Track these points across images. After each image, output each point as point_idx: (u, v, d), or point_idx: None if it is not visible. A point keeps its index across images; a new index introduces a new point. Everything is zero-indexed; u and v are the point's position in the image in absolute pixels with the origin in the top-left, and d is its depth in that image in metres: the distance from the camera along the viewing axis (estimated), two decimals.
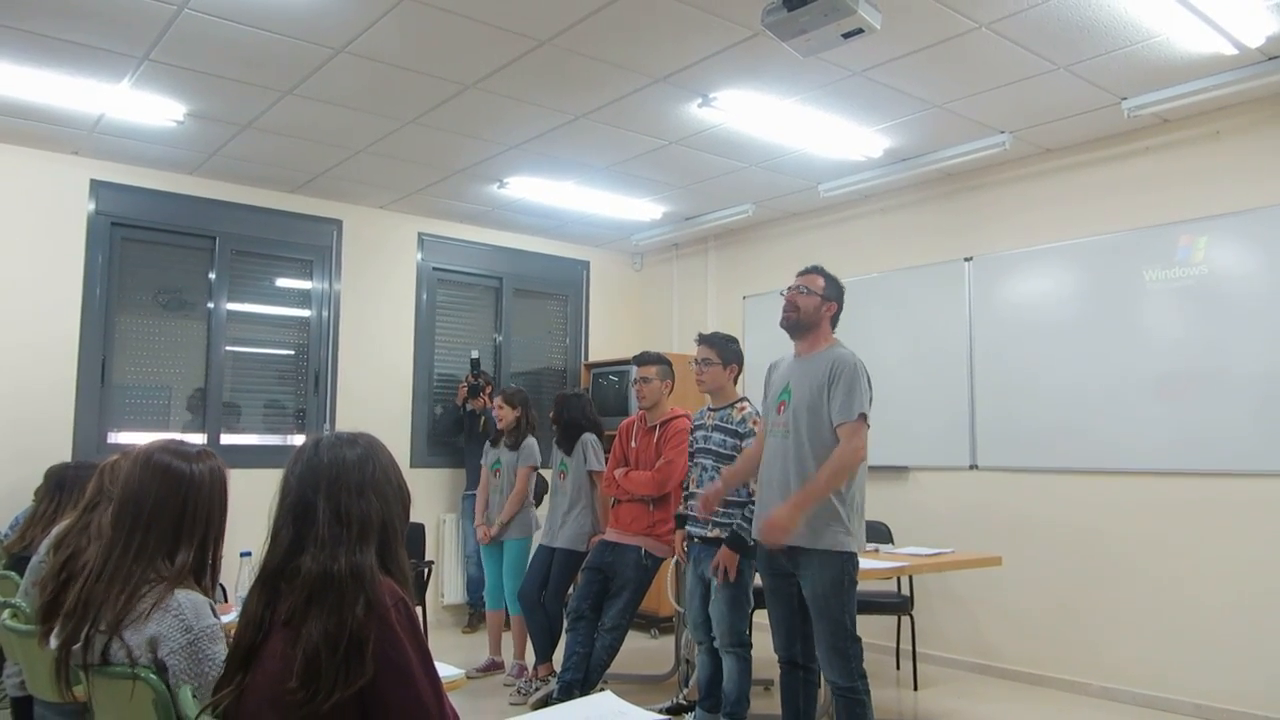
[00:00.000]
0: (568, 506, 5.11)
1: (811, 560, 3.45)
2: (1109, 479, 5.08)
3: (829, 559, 3.42)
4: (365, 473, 1.72)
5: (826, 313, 3.65)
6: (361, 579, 1.60)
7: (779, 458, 3.58)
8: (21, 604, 2.76)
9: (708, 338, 4.44)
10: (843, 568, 3.43)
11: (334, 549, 1.63)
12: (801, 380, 3.57)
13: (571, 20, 3.93)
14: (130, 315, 5.96)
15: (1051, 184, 5.50)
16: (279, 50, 4.21)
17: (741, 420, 4.24)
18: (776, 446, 3.61)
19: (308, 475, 1.71)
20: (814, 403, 3.49)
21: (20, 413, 5.41)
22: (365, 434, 1.80)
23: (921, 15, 3.83)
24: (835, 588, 3.42)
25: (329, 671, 1.50)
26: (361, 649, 1.52)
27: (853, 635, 3.44)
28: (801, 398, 3.53)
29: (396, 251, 7.05)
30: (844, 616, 3.42)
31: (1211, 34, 3.97)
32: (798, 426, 3.51)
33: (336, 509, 1.67)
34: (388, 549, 1.70)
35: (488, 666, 5.47)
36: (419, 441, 7.00)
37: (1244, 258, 4.67)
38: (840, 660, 3.41)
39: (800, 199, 6.55)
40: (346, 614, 1.55)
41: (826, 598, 3.42)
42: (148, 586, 1.91)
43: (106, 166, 5.82)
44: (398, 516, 1.76)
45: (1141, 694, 4.85)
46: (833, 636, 3.42)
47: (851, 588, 3.46)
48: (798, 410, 3.53)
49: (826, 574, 3.42)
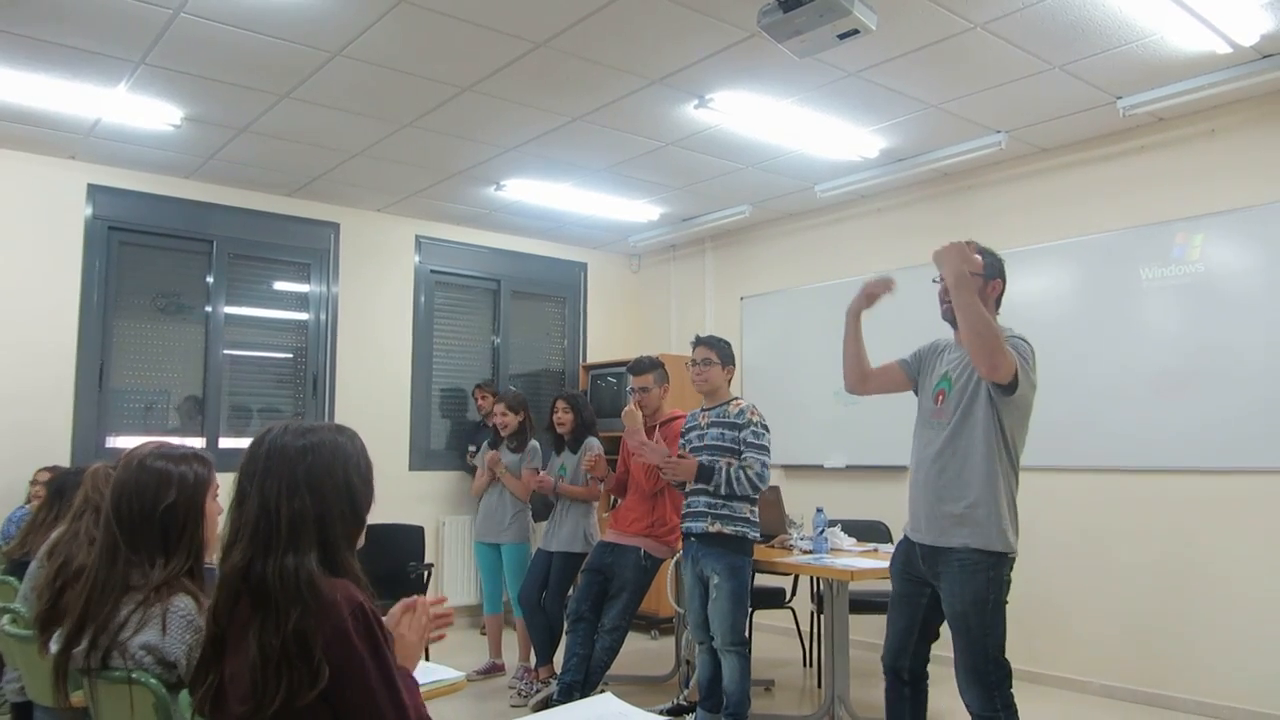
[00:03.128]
0: (565, 509, 5.12)
1: (952, 568, 3.06)
2: (1108, 476, 5.08)
3: (975, 569, 3.01)
4: (299, 467, 1.60)
5: (990, 294, 3.24)
6: (296, 584, 1.51)
7: (924, 448, 3.22)
8: (21, 609, 2.76)
9: (706, 339, 4.42)
10: (989, 576, 3.01)
11: (264, 548, 1.55)
12: (960, 371, 3.18)
13: (567, 22, 3.93)
14: (128, 319, 5.96)
15: (1047, 183, 5.51)
16: (275, 54, 4.21)
17: (740, 413, 4.22)
18: (926, 439, 3.24)
19: (248, 464, 1.63)
20: (973, 389, 3.10)
21: (19, 417, 5.41)
22: (329, 426, 1.71)
23: (917, 16, 3.84)
24: (978, 604, 3.01)
25: (268, 683, 1.45)
26: (306, 657, 1.45)
27: (995, 659, 3.02)
28: (959, 388, 3.15)
29: (394, 254, 7.05)
30: (986, 637, 3.01)
31: (1206, 32, 3.98)
32: (952, 415, 3.13)
33: (265, 502, 1.58)
34: (329, 551, 1.59)
35: (488, 669, 5.47)
36: (418, 444, 7.01)
37: (1240, 255, 4.68)
38: (980, 687, 3.02)
39: (797, 200, 6.56)
40: (283, 623, 1.47)
41: (965, 614, 3.03)
42: (143, 590, 1.91)
43: (103, 171, 5.82)
44: (340, 517, 1.62)
45: (1142, 692, 4.86)
46: (972, 658, 3.03)
47: (999, 603, 3.04)
48: (955, 400, 3.15)
49: (969, 586, 3.02)
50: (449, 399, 7.28)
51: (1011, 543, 3.05)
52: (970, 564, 3.03)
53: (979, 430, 3.08)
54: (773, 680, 5.36)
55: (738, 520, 4.09)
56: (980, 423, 3.08)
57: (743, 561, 4.12)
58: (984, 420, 3.07)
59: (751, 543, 4.17)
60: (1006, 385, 3.00)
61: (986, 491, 3.05)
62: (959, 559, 3.05)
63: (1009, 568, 3.07)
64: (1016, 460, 3.14)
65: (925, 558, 3.16)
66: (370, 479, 1.72)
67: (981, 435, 3.07)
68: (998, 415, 3.08)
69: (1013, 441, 3.12)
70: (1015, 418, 3.12)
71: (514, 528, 5.37)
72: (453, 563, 6.93)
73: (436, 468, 7.07)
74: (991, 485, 3.05)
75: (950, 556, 3.07)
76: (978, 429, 3.08)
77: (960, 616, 3.04)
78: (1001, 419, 3.08)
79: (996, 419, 3.08)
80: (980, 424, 3.08)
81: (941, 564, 3.09)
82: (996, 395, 3.06)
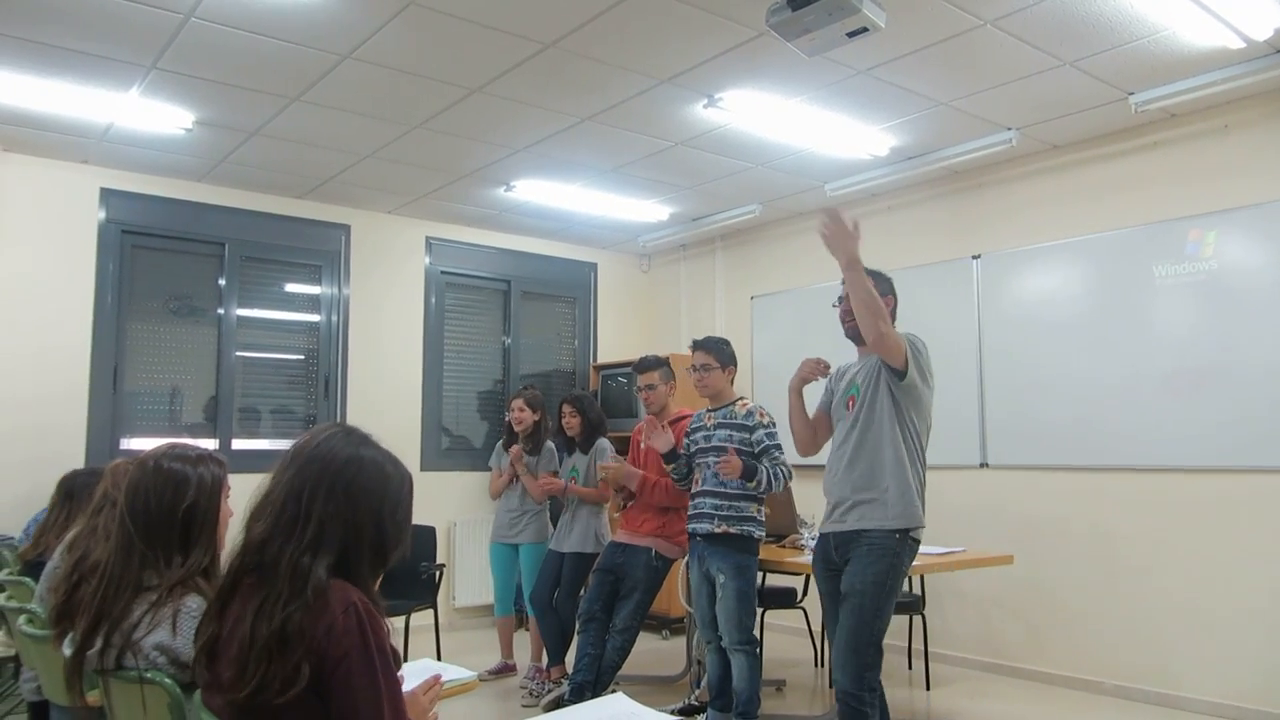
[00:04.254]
0: (575, 510, 5.12)
1: (860, 549, 3.30)
2: (1120, 476, 5.06)
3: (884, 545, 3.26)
4: (345, 474, 1.62)
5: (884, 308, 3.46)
6: (303, 583, 1.52)
7: (847, 450, 3.46)
8: (38, 609, 2.78)
9: (703, 343, 4.39)
10: (893, 561, 3.26)
11: (287, 534, 1.57)
12: (867, 375, 3.48)
13: (576, 23, 3.94)
14: (141, 322, 5.99)
15: (1059, 180, 5.48)
16: (285, 57, 4.23)
17: (747, 414, 4.23)
18: (843, 438, 3.51)
19: (301, 445, 1.66)
20: (877, 387, 3.40)
21: (33, 420, 5.45)
22: (387, 452, 1.71)
23: (926, 13, 3.83)
24: (875, 585, 3.24)
25: (248, 667, 1.47)
26: (287, 655, 1.47)
27: (877, 644, 3.25)
28: (865, 390, 3.45)
29: (404, 256, 7.07)
30: (876, 619, 3.23)
31: (1218, 27, 3.96)
32: (859, 413, 3.43)
33: (299, 496, 1.60)
34: (348, 564, 1.60)
35: (500, 669, 5.48)
36: (430, 443, 7.03)
37: (1254, 252, 4.65)
38: (856, 667, 3.21)
39: (807, 198, 6.55)
40: (277, 612, 1.49)
41: (863, 593, 3.24)
42: (157, 590, 1.92)
43: (116, 175, 5.86)
44: (362, 539, 1.62)
45: (1155, 692, 4.83)
46: (857, 637, 3.23)
47: (895, 588, 3.30)
48: (863, 402, 3.44)
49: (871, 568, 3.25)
50: (464, 399, 7.30)
51: (918, 517, 3.32)
52: (879, 545, 3.27)
53: (885, 423, 3.36)
54: (784, 680, 5.36)
55: (744, 520, 4.10)
56: (885, 415, 3.37)
57: (749, 560, 4.13)
58: (888, 412, 3.36)
59: (758, 541, 4.17)
60: (899, 370, 3.30)
61: (896, 476, 3.32)
62: (869, 540, 3.29)
63: (911, 554, 3.35)
64: (921, 450, 3.43)
65: (838, 545, 3.40)
66: (405, 523, 1.71)
67: (888, 426, 3.35)
68: (899, 407, 3.37)
69: (915, 431, 3.40)
70: (917, 410, 3.40)
71: (532, 528, 5.37)
72: (465, 563, 6.94)
73: (448, 468, 7.08)
74: (900, 470, 3.32)
75: (861, 539, 3.31)
76: (885, 422, 3.36)
77: (858, 594, 3.25)
78: (902, 410, 3.37)
79: (898, 410, 3.36)
80: (886, 416, 3.36)
81: (852, 547, 3.33)
82: (893, 383, 3.36)
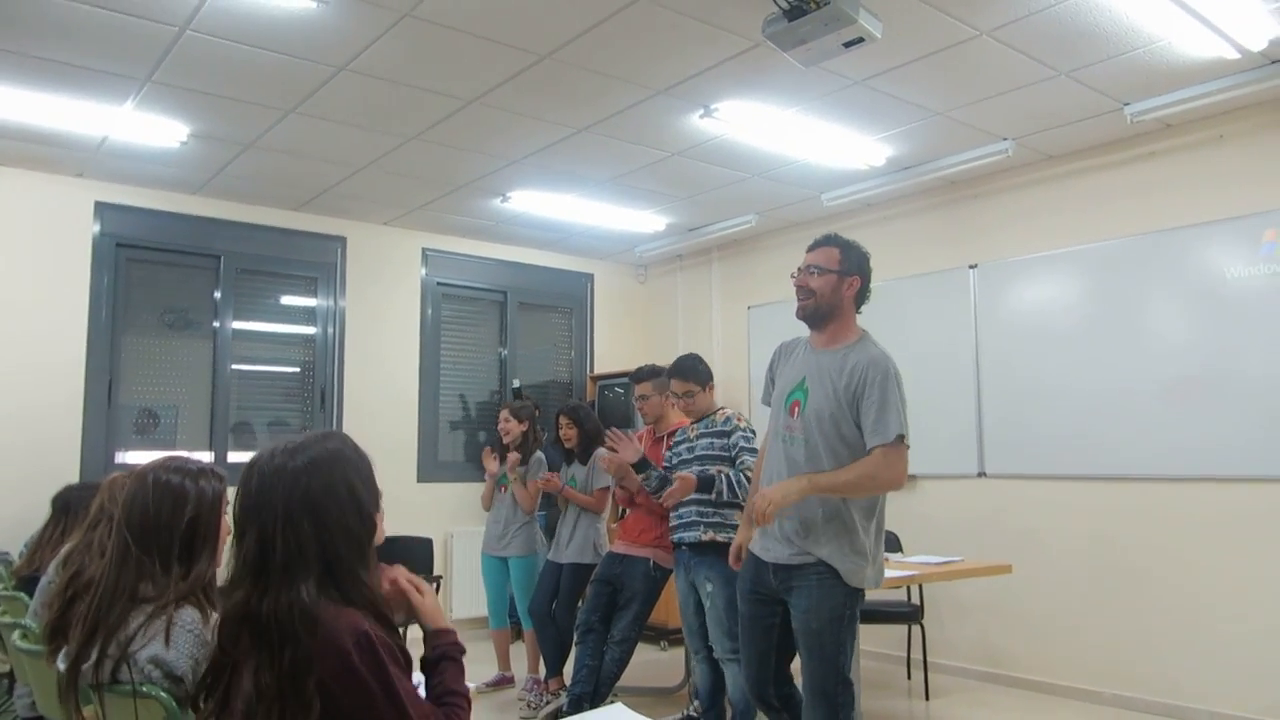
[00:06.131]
0: (574, 521, 5.10)
1: (809, 582, 2.90)
2: (1118, 485, 5.05)
3: (832, 586, 2.88)
4: (294, 492, 1.55)
5: (848, 291, 3.04)
6: (291, 621, 1.47)
7: (785, 467, 3.00)
8: (31, 625, 2.76)
9: (676, 372, 4.28)
10: (846, 599, 2.90)
11: (261, 586, 1.51)
12: (821, 381, 2.98)
13: (572, 34, 3.94)
14: (136, 335, 5.97)
15: (1055, 190, 5.49)
16: (281, 69, 4.22)
17: (725, 420, 4.23)
18: (782, 454, 3.03)
19: (242, 498, 1.58)
20: (835, 412, 2.92)
21: (28, 434, 5.42)
22: (319, 437, 1.64)
23: (922, 23, 3.84)
24: (833, 622, 2.88)
25: (263, 717, 1.43)
26: (298, 693, 1.43)
27: (845, 679, 2.90)
28: (819, 404, 2.95)
29: (401, 267, 7.06)
30: (839, 655, 2.88)
31: (1214, 38, 3.97)
32: (810, 437, 2.96)
33: (262, 537, 1.53)
34: (336, 574, 1.54)
35: (497, 681, 5.45)
36: (426, 456, 7.01)
37: (1248, 262, 4.64)
38: (826, 708, 2.88)
39: (803, 209, 6.55)
40: (278, 660, 1.45)
41: (820, 632, 2.88)
42: (153, 604, 1.91)
43: (111, 188, 5.85)
44: (343, 539, 1.56)
45: (1155, 702, 4.81)
46: (822, 679, 2.89)
47: (852, 623, 2.93)
48: (812, 419, 2.96)
49: (826, 602, 2.88)
50: (460, 410, 7.28)
51: (863, 575, 2.91)
52: (829, 578, 2.88)
53: (839, 455, 2.92)
54: None
55: (729, 528, 4.06)
56: (844, 446, 2.92)
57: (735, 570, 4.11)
58: (848, 444, 2.92)
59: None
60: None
61: (842, 504, 2.91)
62: (816, 573, 2.90)
63: (861, 597, 2.96)
64: None
65: (777, 573, 3.00)
66: (371, 475, 1.67)
67: (844, 460, 2.91)
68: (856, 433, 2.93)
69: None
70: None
71: (519, 540, 5.33)
72: (461, 575, 6.90)
73: (444, 479, 7.06)
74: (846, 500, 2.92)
75: (807, 571, 2.91)
76: (838, 452, 2.92)
77: (814, 634, 2.89)
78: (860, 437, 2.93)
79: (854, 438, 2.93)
80: (843, 448, 2.92)
81: (796, 578, 2.94)
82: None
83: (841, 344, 3.04)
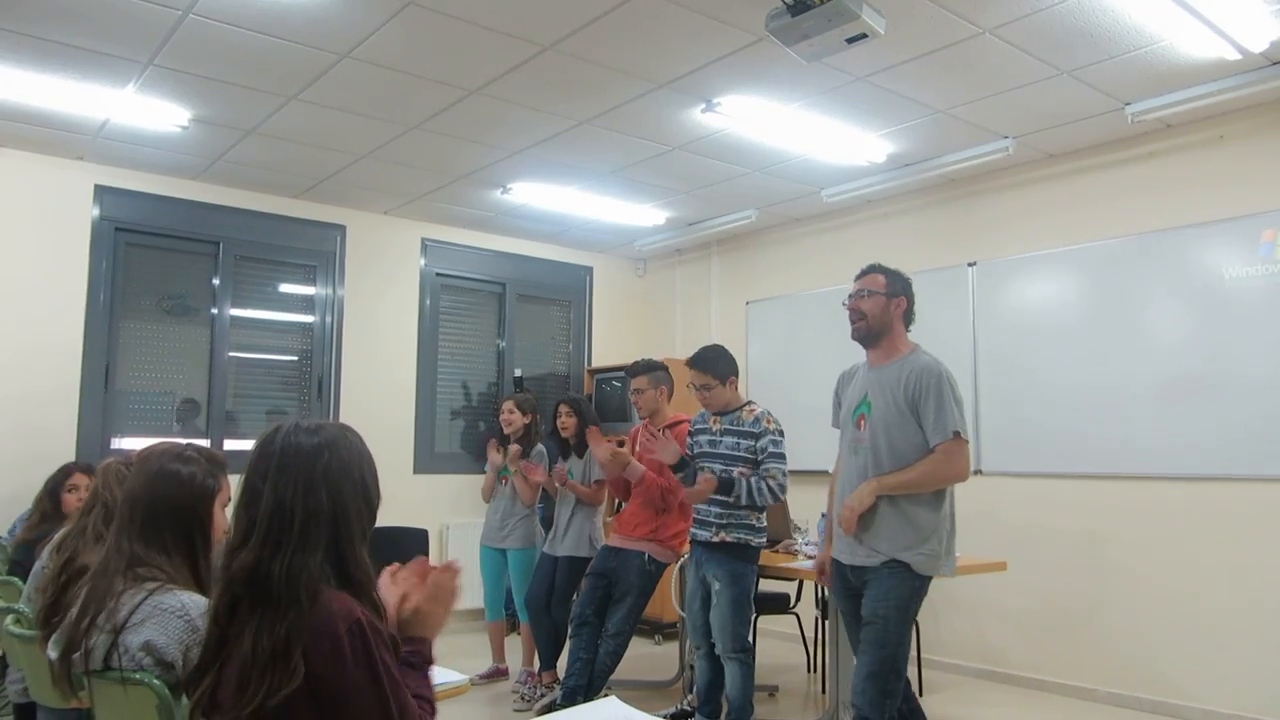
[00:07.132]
0: (570, 514, 5.11)
1: (880, 575, 3.20)
2: (1114, 484, 5.06)
3: (902, 576, 3.17)
4: (317, 464, 1.59)
5: (896, 310, 3.40)
6: (298, 587, 1.49)
7: (855, 475, 3.32)
8: (25, 609, 2.75)
9: (695, 362, 4.24)
10: (914, 591, 3.20)
11: (274, 547, 1.52)
12: (882, 393, 3.31)
13: (575, 26, 3.93)
14: (134, 321, 5.97)
15: (1055, 189, 5.49)
16: (283, 56, 4.21)
17: (754, 421, 4.14)
18: (853, 464, 3.37)
19: (258, 462, 1.60)
20: (897, 419, 3.25)
21: (24, 418, 5.41)
22: (335, 424, 1.69)
23: (925, 20, 3.83)
24: (899, 609, 3.17)
25: (251, 681, 1.44)
26: (286, 659, 1.44)
27: (899, 670, 3.18)
28: (883, 414, 3.28)
29: (400, 257, 7.06)
30: (900, 644, 3.16)
31: (1215, 39, 3.97)
32: (876, 445, 3.27)
33: (280, 501, 1.55)
34: (340, 550, 1.57)
35: (491, 673, 5.46)
36: (423, 446, 7.00)
37: (1247, 262, 4.65)
38: (876, 692, 3.13)
39: (803, 204, 6.55)
40: (278, 627, 1.46)
41: (887, 618, 3.16)
42: (147, 588, 1.91)
43: (111, 172, 5.83)
44: (354, 518, 1.61)
45: (1148, 699, 4.83)
46: (879, 664, 3.15)
47: (914, 615, 3.26)
48: (877, 427, 3.28)
49: (895, 591, 3.17)
50: (458, 401, 7.28)
51: (937, 564, 3.23)
52: (899, 570, 3.20)
53: (905, 457, 3.24)
54: (777, 686, 5.35)
55: (742, 528, 4.08)
56: (907, 449, 3.24)
57: (745, 568, 4.11)
58: (911, 447, 3.24)
59: (756, 550, 4.15)
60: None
61: (906, 501, 3.24)
62: (888, 568, 3.21)
63: (927, 582, 3.26)
64: None
65: (855, 573, 3.33)
66: (376, 474, 1.71)
67: (908, 462, 3.24)
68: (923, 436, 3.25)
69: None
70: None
71: (519, 532, 5.34)
72: None
73: (440, 470, 7.06)
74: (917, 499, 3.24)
75: (879, 567, 3.23)
76: (902, 456, 3.24)
77: (880, 619, 3.18)
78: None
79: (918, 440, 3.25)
80: (906, 451, 3.24)
81: (870, 574, 3.25)
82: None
83: (896, 357, 3.38)
